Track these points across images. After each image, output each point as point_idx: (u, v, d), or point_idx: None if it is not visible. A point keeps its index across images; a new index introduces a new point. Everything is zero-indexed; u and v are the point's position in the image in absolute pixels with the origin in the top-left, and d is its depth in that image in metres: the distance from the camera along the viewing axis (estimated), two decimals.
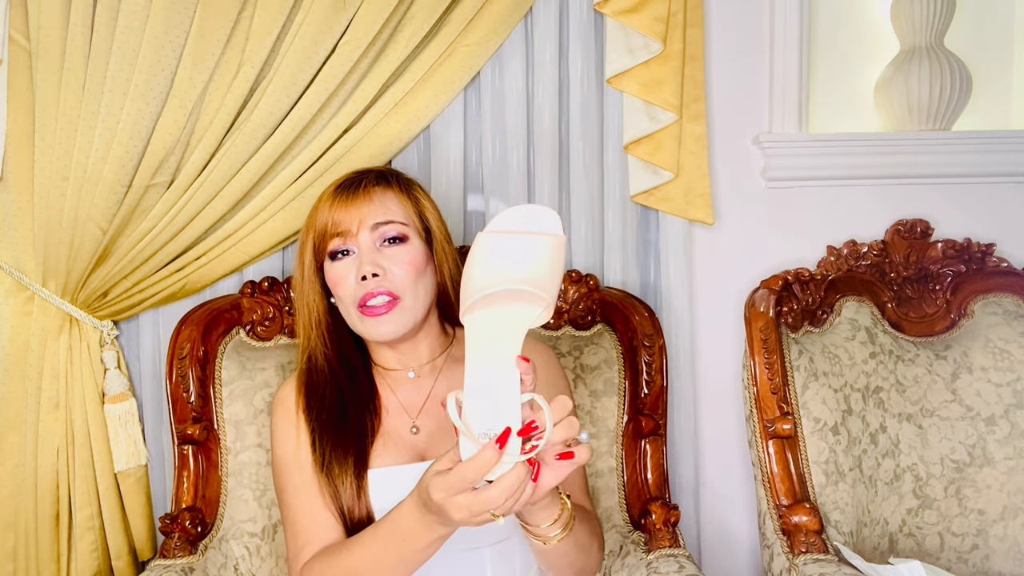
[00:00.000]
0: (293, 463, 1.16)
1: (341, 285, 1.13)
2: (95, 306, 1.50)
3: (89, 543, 1.51)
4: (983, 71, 1.71)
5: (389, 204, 1.15)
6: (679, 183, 1.59)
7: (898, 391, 1.49)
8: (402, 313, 1.11)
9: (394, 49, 1.46)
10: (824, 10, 1.69)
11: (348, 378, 1.18)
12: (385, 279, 1.11)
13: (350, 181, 1.17)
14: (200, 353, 1.40)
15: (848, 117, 1.71)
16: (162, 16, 1.37)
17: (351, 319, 1.14)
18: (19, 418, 1.47)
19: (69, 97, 1.38)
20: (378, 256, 1.12)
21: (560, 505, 0.94)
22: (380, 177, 1.18)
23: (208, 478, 1.38)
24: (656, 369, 1.44)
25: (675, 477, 1.63)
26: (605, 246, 1.62)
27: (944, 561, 1.47)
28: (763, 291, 1.46)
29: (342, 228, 1.12)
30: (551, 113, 1.58)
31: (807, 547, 1.29)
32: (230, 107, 1.42)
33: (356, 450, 1.13)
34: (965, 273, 1.61)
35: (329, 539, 1.12)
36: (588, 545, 1.06)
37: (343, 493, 1.11)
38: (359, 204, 1.13)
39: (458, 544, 1.12)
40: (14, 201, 1.45)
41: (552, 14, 1.56)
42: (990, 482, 1.47)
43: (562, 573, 1.08)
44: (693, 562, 1.23)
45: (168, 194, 1.45)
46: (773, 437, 1.39)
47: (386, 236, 1.13)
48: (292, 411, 1.18)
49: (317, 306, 1.18)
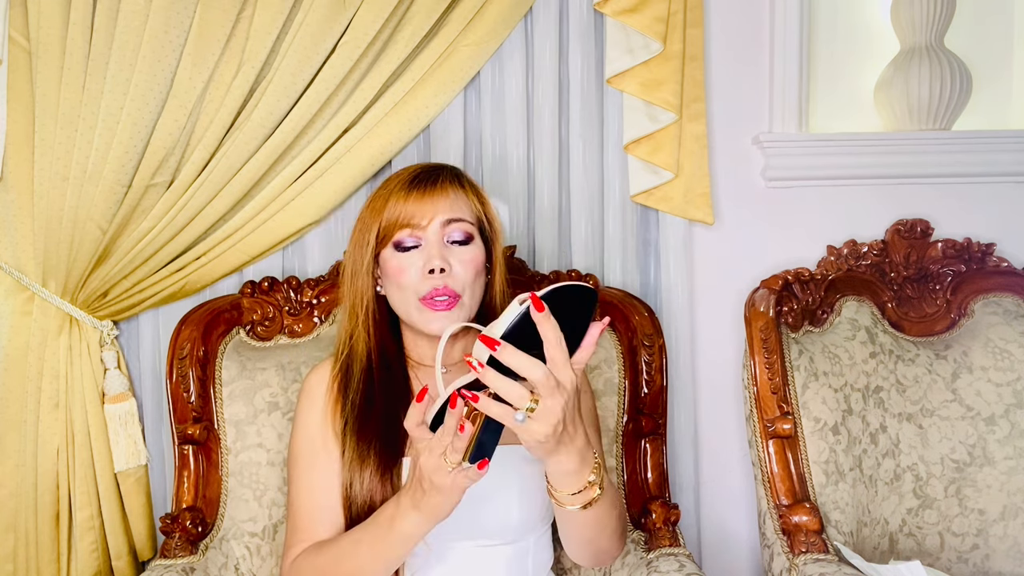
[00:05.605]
0: (308, 450, 1.16)
1: (404, 275, 1.12)
2: (95, 306, 1.50)
3: (89, 543, 1.51)
4: (983, 71, 1.71)
5: (460, 203, 1.15)
6: (679, 183, 1.59)
7: (898, 391, 1.49)
8: (461, 310, 1.13)
9: (394, 49, 1.46)
10: (824, 10, 1.69)
11: (385, 367, 1.18)
12: (450, 275, 1.12)
13: (425, 175, 1.16)
14: (200, 353, 1.40)
15: (848, 117, 1.71)
16: (162, 16, 1.37)
17: (407, 308, 1.14)
18: (19, 418, 1.47)
19: (69, 97, 1.38)
20: (446, 252, 1.12)
21: (584, 484, 0.94)
22: (454, 174, 1.18)
23: (208, 478, 1.38)
24: (656, 369, 1.44)
25: (675, 477, 1.63)
26: (605, 246, 1.62)
27: (944, 561, 1.47)
28: (763, 291, 1.46)
29: (414, 221, 1.12)
30: (551, 113, 1.58)
31: (807, 547, 1.29)
32: (230, 107, 1.42)
33: (390, 436, 1.13)
34: (965, 273, 1.61)
35: (327, 536, 1.12)
36: (610, 528, 1.06)
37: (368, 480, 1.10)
38: (435, 199, 1.13)
39: (472, 542, 1.13)
40: (14, 201, 1.45)
41: (552, 14, 1.56)
42: (990, 482, 1.47)
43: (583, 549, 1.09)
44: (693, 561, 1.23)
45: (168, 194, 1.45)
46: (773, 437, 1.39)
47: (454, 234, 1.14)
48: (323, 396, 1.18)
49: (367, 293, 1.18)
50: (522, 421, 0.83)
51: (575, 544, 1.08)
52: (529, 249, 1.62)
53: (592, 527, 1.03)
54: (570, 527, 1.05)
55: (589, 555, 1.10)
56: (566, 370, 0.83)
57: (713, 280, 1.68)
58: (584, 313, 0.85)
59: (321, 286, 1.51)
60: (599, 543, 1.06)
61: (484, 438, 0.88)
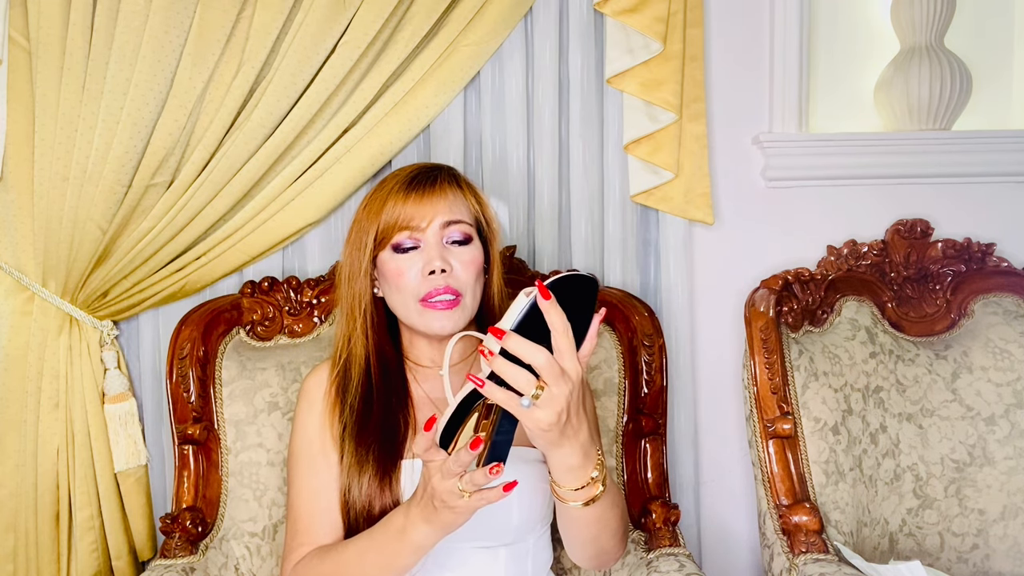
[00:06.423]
0: (307, 453, 1.16)
1: (404, 277, 1.12)
2: (95, 306, 1.50)
3: (89, 543, 1.51)
4: (983, 71, 1.71)
5: (459, 203, 1.15)
6: (679, 183, 1.59)
7: (898, 391, 1.49)
8: (462, 311, 1.13)
9: (394, 49, 1.46)
10: (824, 10, 1.69)
11: (384, 370, 1.18)
12: (451, 276, 1.11)
13: (423, 176, 1.15)
14: (200, 353, 1.40)
15: (848, 117, 1.71)
16: (162, 16, 1.37)
17: (407, 311, 1.14)
18: (19, 418, 1.47)
19: (69, 97, 1.38)
20: (445, 253, 1.12)
21: (587, 479, 0.95)
22: (451, 175, 1.18)
23: (208, 478, 1.38)
24: (656, 369, 1.44)
25: (675, 476, 1.63)
26: (605, 246, 1.62)
27: (944, 561, 1.47)
28: (763, 291, 1.46)
29: (413, 223, 1.12)
30: (551, 113, 1.58)
31: (807, 547, 1.29)
32: (230, 107, 1.42)
33: (388, 441, 1.13)
34: (965, 273, 1.61)
35: (326, 541, 1.12)
36: (612, 527, 1.06)
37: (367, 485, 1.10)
38: (434, 200, 1.13)
39: (472, 544, 1.12)
40: (14, 201, 1.45)
41: (552, 14, 1.56)
42: (990, 482, 1.47)
43: (585, 549, 1.09)
44: (693, 561, 1.23)
45: (168, 194, 1.45)
46: (773, 437, 1.39)
47: (453, 235, 1.13)
48: (321, 400, 1.18)
49: (365, 296, 1.18)
50: (527, 406, 0.84)
51: (577, 544, 1.08)
52: (529, 249, 1.62)
53: (594, 525, 1.03)
54: (572, 526, 1.05)
55: (591, 555, 1.10)
56: (572, 359, 0.84)
57: (713, 280, 1.68)
58: (586, 305, 0.86)
59: (321, 286, 1.51)
60: (601, 542, 1.06)
61: (498, 439, 0.88)
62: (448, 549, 1.12)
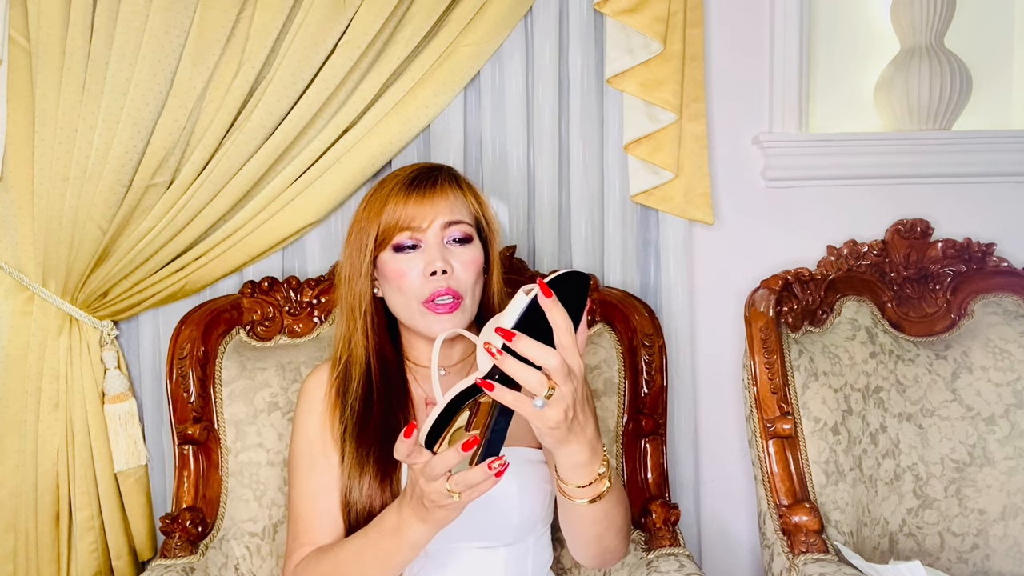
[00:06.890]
0: (307, 454, 1.16)
1: (405, 278, 1.12)
2: (95, 306, 1.50)
3: (89, 543, 1.51)
4: (983, 71, 1.71)
5: (459, 204, 1.15)
6: (679, 183, 1.59)
7: (898, 391, 1.49)
8: (463, 313, 1.12)
9: (394, 49, 1.46)
10: (824, 10, 1.69)
11: (384, 371, 1.18)
12: (452, 277, 1.11)
13: (423, 176, 1.15)
14: (200, 353, 1.40)
15: (848, 117, 1.71)
16: (162, 16, 1.37)
17: (409, 312, 1.14)
18: (19, 418, 1.47)
19: (69, 97, 1.38)
20: (446, 253, 1.12)
21: (594, 476, 0.95)
22: (451, 175, 1.17)
23: (208, 478, 1.38)
24: (656, 369, 1.44)
25: (675, 476, 1.63)
26: (605, 246, 1.62)
27: (944, 561, 1.47)
28: (763, 291, 1.46)
29: (415, 223, 1.12)
30: (551, 113, 1.58)
31: (807, 547, 1.29)
32: (230, 107, 1.42)
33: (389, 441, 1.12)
34: (965, 273, 1.61)
35: (327, 541, 1.12)
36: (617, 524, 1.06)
37: (367, 485, 1.10)
38: (435, 201, 1.12)
39: (472, 544, 1.13)
40: (14, 201, 1.45)
41: (552, 14, 1.56)
42: (990, 482, 1.47)
43: (588, 548, 1.08)
44: (693, 561, 1.23)
45: (168, 194, 1.45)
46: (773, 437, 1.39)
47: (454, 235, 1.13)
48: (321, 401, 1.18)
49: (365, 297, 1.17)
50: (541, 407, 0.83)
51: (581, 543, 1.08)
52: (529, 249, 1.62)
53: (599, 523, 1.02)
54: (577, 524, 1.05)
55: (595, 554, 1.10)
56: (575, 355, 0.84)
57: (713, 280, 1.68)
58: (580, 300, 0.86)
59: (321, 286, 1.51)
60: (605, 541, 1.06)
61: (492, 436, 0.88)
62: (448, 549, 1.12)
